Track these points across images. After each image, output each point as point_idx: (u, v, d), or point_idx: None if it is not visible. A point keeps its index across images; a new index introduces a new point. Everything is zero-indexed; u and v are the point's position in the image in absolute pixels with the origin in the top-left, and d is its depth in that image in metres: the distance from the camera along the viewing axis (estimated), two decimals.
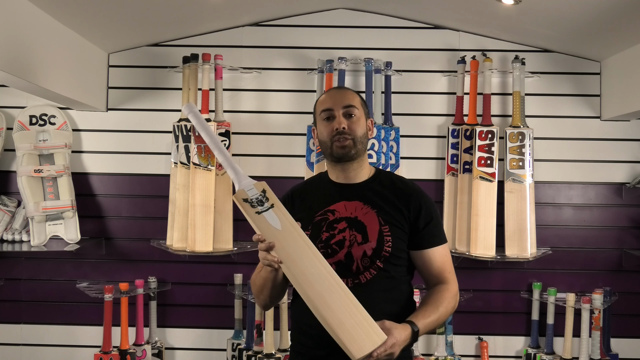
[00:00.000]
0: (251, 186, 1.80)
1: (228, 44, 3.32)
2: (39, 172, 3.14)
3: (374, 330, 1.65)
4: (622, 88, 3.07)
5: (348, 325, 1.64)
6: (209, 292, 3.33)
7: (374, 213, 1.86)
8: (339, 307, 1.66)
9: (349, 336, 1.62)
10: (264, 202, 1.77)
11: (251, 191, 1.78)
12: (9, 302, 3.32)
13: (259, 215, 1.75)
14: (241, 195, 1.78)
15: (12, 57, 2.35)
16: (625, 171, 3.29)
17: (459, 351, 3.26)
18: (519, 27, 3.10)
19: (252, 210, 1.76)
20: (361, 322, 1.65)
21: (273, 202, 1.78)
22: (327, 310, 1.65)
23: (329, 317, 1.65)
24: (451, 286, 1.89)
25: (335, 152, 1.88)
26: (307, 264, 1.70)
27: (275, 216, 1.75)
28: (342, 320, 1.64)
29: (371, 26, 3.34)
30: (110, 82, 3.34)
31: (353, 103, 1.91)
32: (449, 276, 1.90)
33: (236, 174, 1.83)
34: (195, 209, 3.05)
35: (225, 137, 3.15)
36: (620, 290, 3.24)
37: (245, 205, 1.77)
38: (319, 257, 1.73)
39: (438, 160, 3.32)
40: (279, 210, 1.77)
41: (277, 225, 1.73)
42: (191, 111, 1.90)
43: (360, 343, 1.62)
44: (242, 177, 1.83)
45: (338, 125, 1.87)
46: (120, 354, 3.11)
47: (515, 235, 3.12)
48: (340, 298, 1.68)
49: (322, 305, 1.66)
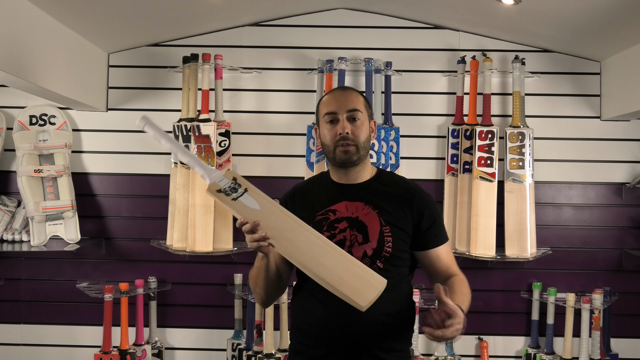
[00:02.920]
0: (221, 177, 1.82)
1: (228, 44, 3.32)
2: (39, 172, 3.14)
3: (372, 278, 1.71)
4: (622, 88, 3.07)
5: (348, 279, 1.69)
6: (209, 292, 3.33)
7: (375, 214, 1.86)
8: (335, 264, 1.71)
9: (352, 289, 1.67)
10: (237, 188, 1.79)
11: (222, 181, 1.80)
12: (9, 302, 3.32)
13: (236, 202, 1.77)
14: (214, 187, 1.80)
15: (12, 57, 2.35)
16: (625, 171, 3.29)
17: (459, 351, 3.26)
18: (519, 27, 3.10)
19: (228, 199, 1.78)
20: (359, 273, 1.71)
21: (246, 186, 1.80)
22: (325, 271, 1.70)
23: (329, 277, 1.69)
24: (464, 277, 1.90)
25: (338, 157, 1.88)
26: (294, 233, 1.75)
27: (251, 198, 1.78)
28: (341, 276, 1.69)
29: (371, 26, 3.34)
30: (110, 82, 3.34)
31: (357, 107, 1.90)
32: (456, 269, 1.92)
33: (204, 170, 1.84)
34: (195, 209, 3.05)
35: (225, 137, 3.15)
36: (620, 290, 3.24)
37: (220, 195, 1.79)
38: (303, 224, 1.77)
39: (438, 160, 3.32)
40: (253, 192, 1.79)
41: (256, 206, 1.76)
42: (146, 123, 1.88)
43: (364, 292, 1.67)
44: (210, 171, 1.84)
45: (342, 131, 1.86)
46: (120, 354, 3.11)
47: (515, 235, 3.12)
48: (333, 256, 1.73)
49: (319, 267, 1.70)
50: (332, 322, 1.81)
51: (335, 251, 1.74)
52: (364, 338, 1.80)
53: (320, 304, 1.83)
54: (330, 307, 1.80)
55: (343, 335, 1.80)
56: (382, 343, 1.81)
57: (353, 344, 1.80)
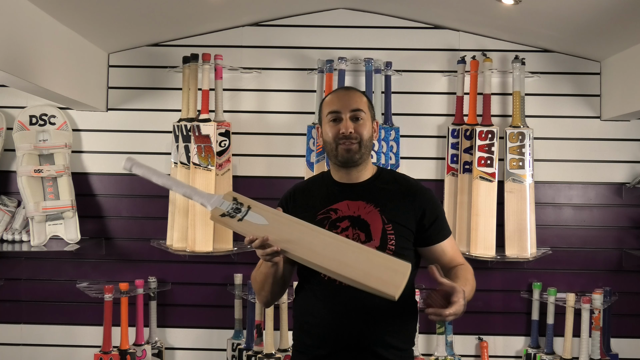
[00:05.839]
0: (221, 200, 1.80)
1: (228, 44, 3.32)
2: (39, 172, 3.14)
3: (396, 264, 1.68)
4: (622, 88, 3.07)
5: (373, 271, 1.65)
6: (209, 292, 3.33)
7: (377, 212, 1.86)
8: (356, 260, 1.68)
9: (380, 281, 1.64)
10: (240, 208, 1.78)
11: (224, 204, 1.79)
12: (9, 302, 3.32)
13: (242, 222, 1.76)
14: (217, 212, 1.79)
15: (12, 57, 2.35)
16: (625, 171, 3.29)
17: (459, 351, 3.26)
18: (519, 27, 3.10)
19: (234, 221, 1.76)
20: (382, 263, 1.68)
21: (248, 203, 1.80)
22: (348, 269, 1.66)
23: (353, 274, 1.65)
24: (470, 267, 1.90)
25: (340, 155, 1.88)
26: (307, 238, 1.72)
27: (257, 214, 1.76)
28: (366, 270, 1.65)
29: (371, 26, 3.34)
30: (110, 82, 3.34)
31: (360, 107, 1.90)
32: (460, 260, 1.93)
33: (202, 197, 1.83)
34: (195, 209, 3.05)
35: (225, 137, 3.15)
36: (620, 290, 3.24)
37: (226, 220, 1.77)
38: (313, 227, 1.76)
39: (438, 160, 3.32)
40: (256, 207, 1.78)
41: (263, 221, 1.74)
42: (133, 164, 1.87)
43: (392, 281, 1.63)
44: (209, 198, 1.83)
45: (345, 130, 1.86)
46: (120, 354, 3.11)
47: (515, 235, 3.12)
48: (352, 252, 1.70)
49: (341, 267, 1.67)
50: (334, 322, 1.81)
51: (353, 246, 1.72)
52: (367, 337, 1.80)
53: (321, 304, 1.83)
54: (332, 307, 1.80)
55: (345, 335, 1.80)
56: (385, 342, 1.81)
57: (356, 344, 1.80)
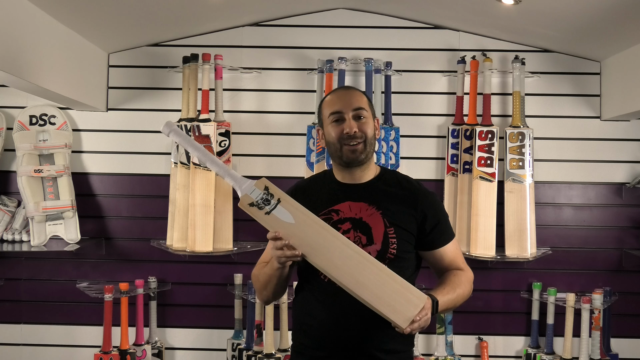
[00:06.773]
0: (253, 187, 1.76)
1: (228, 44, 3.32)
2: (39, 172, 3.14)
3: (412, 294, 1.65)
4: (622, 88, 3.07)
5: (386, 297, 1.63)
6: (209, 292, 3.33)
7: (379, 214, 1.84)
8: (372, 281, 1.65)
9: (390, 308, 1.62)
10: (269, 200, 1.74)
11: (254, 193, 1.75)
12: (9, 302, 3.32)
13: (269, 216, 1.72)
14: (246, 200, 1.75)
15: (12, 57, 2.35)
16: (625, 171, 3.29)
17: (459, 351, 3.26)
18: (519, 27, 3.10)
19: (261, 213, 1.72)
20: (398, 290, 1.65)
21: (279, 196, 1.75)
22: (363, 290, 1.64)
23: (367, 296, 1.64)
24: (467, 272, 1.90)
25: (345, 155, 1.87)
26: (330, 248, 1.69)
27: (285, 210, 1.72)
28: (379, 294, 1.63)
29: (371, 26, 3.34)
30: (110, 82, 3.34)
31: (362, 105, 1.89)
32: (462, 266, 1.92)
33: (234, 180, 1.80)
34: (195, 209, 3.05)
35: (225, 137, 3.15)
36: (620, 290, 3.23)
37: (253, 210, 1.73)
38: (339, 236, 1.72)
39: (438, 160, 3.32)
40: (287, 203, 1.74)
41: (290, 219, 1.71)
42: (171, 129, 1.82)
43: (403, 311, 1.61)
44: (241, 182, 1.79)
45: (349, 130, 1.85)
46: (120, 354, 3.11)
47: (515, 235, 3.12)
48: (371, 272, 1.67)
49: (357, 286, 1.65)
50: (333, 324, 1.80)
51: (373, 265, 1.69)
52: (366, 340, 1.79)
53: (321, 305, 1.82)
54: (331, 308, 1.80)
55: (344, 337, 1.79)
56: (384, 344, 1.80)
57: (354, 346, 1.80)
